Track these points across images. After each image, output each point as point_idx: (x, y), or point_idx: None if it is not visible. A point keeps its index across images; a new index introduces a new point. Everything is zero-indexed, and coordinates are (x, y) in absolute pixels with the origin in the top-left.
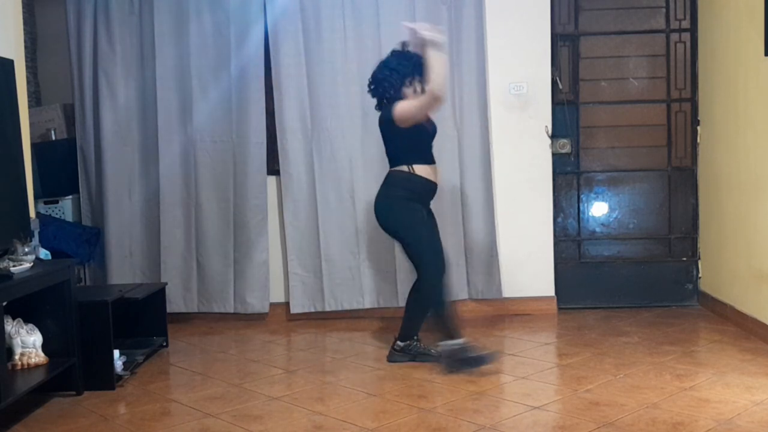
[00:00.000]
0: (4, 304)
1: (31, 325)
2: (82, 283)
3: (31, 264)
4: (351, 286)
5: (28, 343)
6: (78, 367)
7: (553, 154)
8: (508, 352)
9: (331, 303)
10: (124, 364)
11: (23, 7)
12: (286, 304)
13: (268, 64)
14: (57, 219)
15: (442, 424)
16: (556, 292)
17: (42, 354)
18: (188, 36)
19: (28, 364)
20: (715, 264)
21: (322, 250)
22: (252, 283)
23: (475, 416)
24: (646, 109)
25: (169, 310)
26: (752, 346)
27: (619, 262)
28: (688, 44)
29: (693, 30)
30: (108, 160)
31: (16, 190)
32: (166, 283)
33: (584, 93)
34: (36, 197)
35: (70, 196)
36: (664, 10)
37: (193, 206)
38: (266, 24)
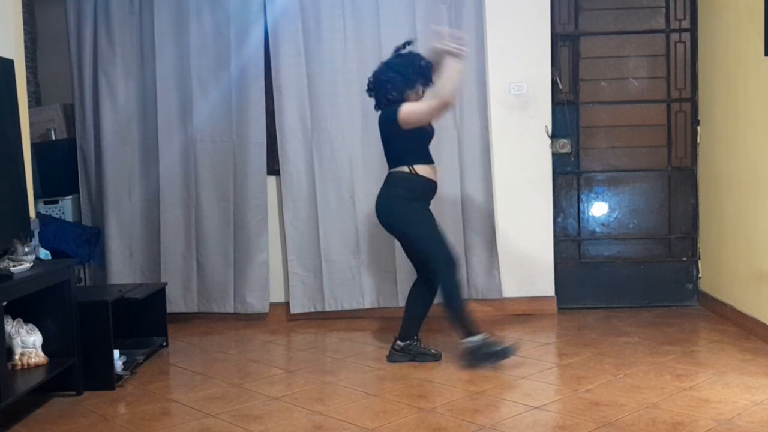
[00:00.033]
0: (4, 304)
1: (31, 325)
2: (82, 283)
3: (31, 264)
4: (351, 286)
5: (28, 343)
6: (78, 367)
7: (553, 154)
8: None
9: (331, 303)
10: (124, 364)
11: (23, 7)
12: (286, 304)
13: (268, 64)
14: (57, 219)
15: (442, 424)
16: (556, 292)
17: (42, 354)
18: (188, 36)
19: (28, 364)
20: (715, 264)
21: (322, 250)
22: (252, 283)
23: (475, 416)
24: (646, 109)
25: (169, 310)
26: (752, 346)
27: (619, 262)
28: (688, 44)
29: (693, 30)
30: (108, 160)
31: (16, 190)
32: (166, 283)
33: (584, 93)
34: (36, 197)
35: (70, 196)
36: (664, 10)
37: (193, 206)
38: (266, 24)
